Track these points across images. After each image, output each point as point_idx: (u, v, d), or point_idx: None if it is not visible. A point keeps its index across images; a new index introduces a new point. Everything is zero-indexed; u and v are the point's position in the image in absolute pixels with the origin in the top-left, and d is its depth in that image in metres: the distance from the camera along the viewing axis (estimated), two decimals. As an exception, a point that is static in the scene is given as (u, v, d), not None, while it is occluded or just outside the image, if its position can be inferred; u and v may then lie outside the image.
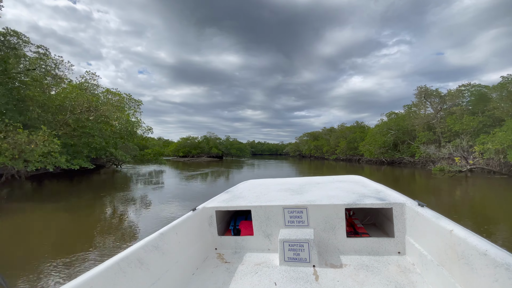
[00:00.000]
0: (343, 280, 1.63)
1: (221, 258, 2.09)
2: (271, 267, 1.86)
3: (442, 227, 1.45)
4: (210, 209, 2.28)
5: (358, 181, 3.04)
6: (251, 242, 2.19)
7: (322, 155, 57.52)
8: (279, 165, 37.16)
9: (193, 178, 17.49)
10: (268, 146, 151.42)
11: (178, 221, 1.91)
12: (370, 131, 37.45)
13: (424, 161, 26.58)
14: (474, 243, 1.19)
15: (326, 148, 53.70)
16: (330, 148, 52.16)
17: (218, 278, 1.77)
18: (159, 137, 76.42)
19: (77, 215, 7.62)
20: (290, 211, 2.09)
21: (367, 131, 43.43)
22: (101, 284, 1.12)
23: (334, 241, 2.04)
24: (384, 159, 32.65)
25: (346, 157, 45.88)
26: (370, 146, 33.86)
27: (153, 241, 1.57)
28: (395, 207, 1.95)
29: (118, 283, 1.21)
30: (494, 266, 1.05)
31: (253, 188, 2.97)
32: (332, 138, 52.24)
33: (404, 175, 20.88)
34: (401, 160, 31.14)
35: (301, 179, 3.40)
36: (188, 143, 59.38)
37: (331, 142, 51.84)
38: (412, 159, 29.11)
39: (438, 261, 1.46)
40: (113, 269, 1.22)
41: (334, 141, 50.56)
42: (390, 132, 31.54)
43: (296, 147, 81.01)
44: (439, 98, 26.49)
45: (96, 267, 1.19)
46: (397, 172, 23.17)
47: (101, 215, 7.64)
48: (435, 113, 26.09)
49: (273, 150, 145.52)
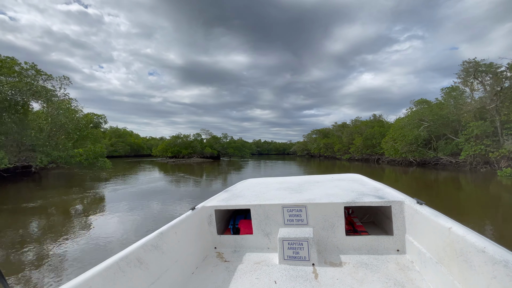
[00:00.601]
0: (342, 278, 1.64)
1: (220, 257, 2.08)
2: (271, 266, 1.86)
3: (440, 225, 1.45)
4: (209, 208, 2.27)
5: (357, 179, 3.05)
6: (251, 241, 2.18)
7: (333, 154, 50.51)
8: (283, 167, 30.78)
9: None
10: (275, 146, 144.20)
11: (177, 221, 1.88)
12: (394, 124, 30.21)
13: (474, 161, 19.55)
14: (472, 240, 1.19)
15: (338, 147, 46.54)
16: (343, 147, 45.01)
17: (218, 277, 1.77)
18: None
19: None
20: (289, 210, 2.08)
21: (388, 125, 36.24)
22: (100, 284, 1.11)
23: (333, 240, 2.03)
24: (413, 159, 25.66)
25: (361, 157, 38.84)
26: (396, 142, 26.88)
27: (153, 241, 1.54)
28: (394, 205, 1.95)
29: (117, 283, 1.20)
30: (493, 263, 1.05)
31: (252, 187, 2.98)
32: (345, 135, 45.09)
33: (447, 180, 14.10)
34: (437, 160, 24.07)
35: (300, 178, 3.39)
36: (179, 142, 51.45)
37: (344, 140, 44.61)
38: (454, 159, 22.07)
39: (437, 258, 1.46)
40: (112, 268, 1.20)
41: (347, 138, 43.39)
42: (422, 124, 24.48)
43: (304, 145, 73.80)
44: (494, 75, 19.30)
45: (95, 267, 1.17)
46: (433, 176, 16.45)
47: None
48: (491, 95, 18.93)
49: (280, 150, 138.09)
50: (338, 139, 48.19)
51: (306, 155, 73.28)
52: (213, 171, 24.96)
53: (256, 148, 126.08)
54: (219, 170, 25.32)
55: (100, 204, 9.19)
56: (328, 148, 52.81)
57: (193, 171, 24.42)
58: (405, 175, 17.73)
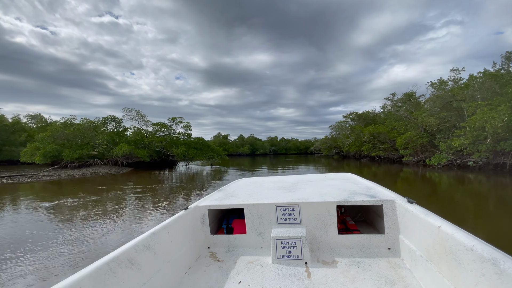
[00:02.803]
0: (334, 276, 1.65)
1: (213, 256, 2.09)
2: (264, 265, 1.86)
3: (430, 223, 1.45)
4: (202, 208, 2.25)
5: (350, 178, 3.04)
6: (244, 240, 2.17)
7: (389, 153, 27.46)
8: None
9: None
10: (294, 144, 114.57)
11: (170, 220, 1.87)
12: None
13: None
14: (461, 239, 1.20)
15: (404, 139, 22.98)
16: (418, 139, 21.56)
17: (211, 276, 1.77)
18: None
19: None
20: (282, 209, 2.06)
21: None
22: (90, 286, 1.10)
23: (326, 238, 2.03)
24: None
25: (487, 160, 15.81)
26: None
27: (144, 241, 1.53)
28: (385, 204, 1.95)
29: (108, 284, 1.18)
30: (481, 261, 1.06)
31: (246, 186, 2.96)
32: (421, 115, 21.74)
33: None
34: None
35: (293, 177, 3.37)
36: (69, 134, 24.19)
37: (429, 121, 20.99)
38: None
39: (427, 256, 1.47)
40: (102, 269, 1.19)
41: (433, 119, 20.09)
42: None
43: (332, 142, 50.11)
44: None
45: (85, 268, 1.16)
46: None
47: None
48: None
49: (301, 148, 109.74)
50: (404, 126, 24.71)
51: (335, 155, 49.94)
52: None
53: (270, 147, 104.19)
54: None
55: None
56: (377, 142, 29.41)
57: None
58: None
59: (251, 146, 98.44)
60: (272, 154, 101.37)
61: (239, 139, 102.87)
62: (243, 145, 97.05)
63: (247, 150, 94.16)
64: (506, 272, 0.95)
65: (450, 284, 1.23)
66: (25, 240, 5.20)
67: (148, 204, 8.53)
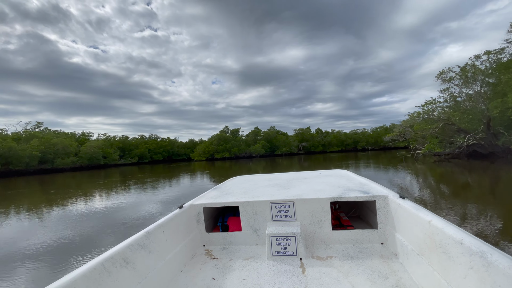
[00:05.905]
0: (329, 271, 1.67)
1: (209, 254, 2.09)
2: (259, 262, 1.88)
3: (421, 218, 1.47)
4: (197, 206, 2.27)
5: (343, 175, 3.07)
6: (239, 237, 2.20)
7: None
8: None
9: None
10: (336, 137, 77.09)
11: (164, 219, 1.89)
12: None
13: None
14: (450, 232, 1.22)
15: None
16: None
17: (207, 274, 1.77)
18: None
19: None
20: (277, 206, 2.10)
21: None
22: (84, 286, 1.09)
23: (320, 234, 2.07)
24: None
25: None
26: None
27: (139, 240, 1.54)
28: (378, 200, 2.00)
29: (102, 284, 1.18)
30: (470, 254, 1.07)
31: (241, 184, 3.00)
32: None
33: None
34: None
35: (288, 175, 3.45)
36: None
37: None
38: None
39: (418, 250, 1.50)
40: (97, 269, 1.18)
41: None
42: None
43: (446, 121, 19.65)
44: None
45: (79, 267, 1.15)
46: None
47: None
48: None
49: (347, 144, 75.70)
50: None
51: (437, 156, 20.14)
52: None
53: (298, 144, 70.64)
54: None
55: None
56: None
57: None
58: None
59: (267, 144, 65.42)
60: (303, 154, 68.26)
61: (252, 133, 69.20)
62: (256, 142, 65.24)
63: (261, 150, 61.56)
64: (493, 264, 0.97)
65: (440, 277, 1.26)
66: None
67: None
